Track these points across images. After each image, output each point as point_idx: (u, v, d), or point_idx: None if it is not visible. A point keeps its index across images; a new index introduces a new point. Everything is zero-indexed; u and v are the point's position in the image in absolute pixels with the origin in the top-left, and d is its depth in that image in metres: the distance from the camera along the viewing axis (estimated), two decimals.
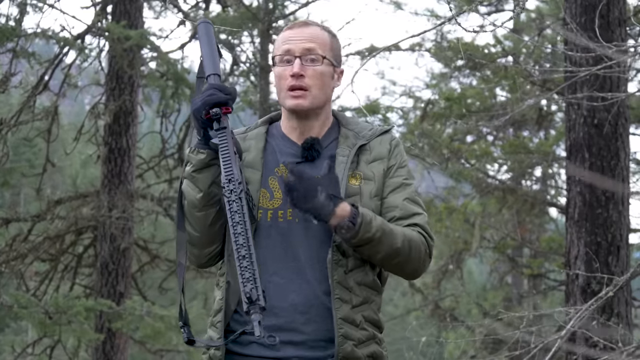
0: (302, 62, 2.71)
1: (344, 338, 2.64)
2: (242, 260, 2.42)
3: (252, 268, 2.40)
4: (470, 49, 10.82)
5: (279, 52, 2.75)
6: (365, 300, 2.69)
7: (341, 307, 2.64)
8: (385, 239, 2.63)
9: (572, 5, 6.93)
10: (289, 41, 2.74)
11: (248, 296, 2.36)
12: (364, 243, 2.61)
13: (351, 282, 2.67)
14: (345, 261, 2.67)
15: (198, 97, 2.62)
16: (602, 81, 6.79)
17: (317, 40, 2.75)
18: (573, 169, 6.83)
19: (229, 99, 2.61)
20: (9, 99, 19.39)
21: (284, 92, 2.74)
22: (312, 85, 2.72)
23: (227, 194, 2.51)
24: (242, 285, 2.39)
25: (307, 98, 2.72)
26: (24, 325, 20.04)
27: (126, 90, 11.09)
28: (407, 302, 20.34)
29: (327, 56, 2.75)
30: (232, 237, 2.46)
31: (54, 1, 10.68)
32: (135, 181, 11.49)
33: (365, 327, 2.68)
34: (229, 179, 2.53)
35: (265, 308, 2.38)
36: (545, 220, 13.95)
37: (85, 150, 18.57)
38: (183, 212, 2.71)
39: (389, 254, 2.66)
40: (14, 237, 10.90)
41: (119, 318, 10.11)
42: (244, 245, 2.43)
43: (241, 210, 2.48)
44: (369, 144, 2.78)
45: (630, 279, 5.66)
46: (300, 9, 12.23)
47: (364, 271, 2.69)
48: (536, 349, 5.60)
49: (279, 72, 2.74)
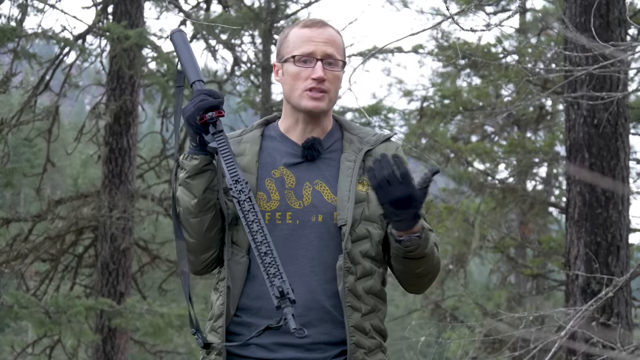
0: (323, 66, 2.70)
1: (356, 346, 2.63)
2: (264, 256, 2.44)
3: (276, 263, 2.43)
4: (471, 49, 10.82)
5: (297, 51, 2.71)
6: (373, 308, 2.69)
7: (352, 315, 2.63)
8: (431, 255, 2.65)
9: (572, 5, 6.92)
10: (310, 42, 2.71)
11: (280, 290, 2.38)
12: (419, 257, 2.62)
13: (360, 290, 2.66)
14: (354, 268, 2.65)
15: (189, 103, 2.61)
16: (601, 81, 6.78)
17: (335, 45, 2.74)
18: (573, 169, 6.82)
19: (220, 102, 2.61)
20: (9, 99, 19.42)
21: (299, 92, 2.71)
22: (330, 89, 2.72)
23: (236, 194, 2.51)
24: (269, 281, 2.41)
25: (325, 101, 2.71)
26: (24, 325, 20.07)
27: (127, 90, 11.10)
28: (408, 302, 20.34)
29: (344, 61, 2.76)
30: (249, 236, 2.47)
31: (55, 1, 10.69)
32: (136, 181, 11.50)
33: (373, 336, 2.68)
34: (235, 179, 2.53)
35: (295, 301, 2.40)
36: (549, 221, 13.95)
37: (86, 150, 18.61)
38: (179, 221, 2.70)
39: (426, 270, 2.68)
40: (14, 237, 10.91)
41: (119, 316, 10.12)
42: (264, 242, 2.45)
43: (253, 209, 2.49)
44: (374, 149, 2.76)
45: (630, 279, 5.65)
46: (303, 9, 12.24)
47: (372, 279, 2.69)
48: (536, 349, 5.60)
49: (296, 71, 2.71)
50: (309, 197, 2.69)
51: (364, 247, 2.66)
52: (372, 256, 2.68)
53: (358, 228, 2.66)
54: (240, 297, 2.67)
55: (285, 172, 2.72)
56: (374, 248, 2.68)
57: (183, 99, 2.81)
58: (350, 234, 2.64)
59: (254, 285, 2.66)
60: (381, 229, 2.69)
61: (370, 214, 2.67)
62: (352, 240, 2.64)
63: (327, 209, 2.67)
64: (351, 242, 2.64)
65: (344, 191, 2.67)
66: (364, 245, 2.66)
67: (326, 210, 2.66)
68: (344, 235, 2.63)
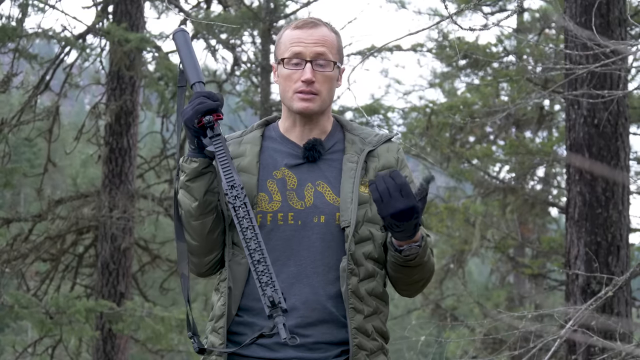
0: (312, 67, 2.69)
1: (358, 348, 2.63)
2: (257, 264, 2.42)
3: (269, 272, 2.41)
4: (471, 49, 10.82)
5: (287, 53, 2.70)
6: (375, 310, 2.68)
7: (355, 317, 2.63)
8: (428, 262, 2.66)
9: (572, 4, 6.92)
10: (299, 43, 2.70)
11: (271, 300, 2.37)
12: (417, 265, 2.63)
13: (363, 291, 2.65)
14: (357, 270, 2.65)
15: (188, 106, 2.60)
16: (601, 79, 6.78)
17: (327, 44, 2.71)
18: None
19: (219, 105, 2.59)
20: (10, 99, 19.44)
21: (290, 94, 2.70)
22: (321, 90, 2.70)
23: (231, 200, 2.49)
24: (261, 289, 2.39)
25: (316, 102, 2.70)
26: (24, 325, 20.06)
27: (127, 90, 11.10)
28: (408, 302, 20.33)
29: (336, 61, 2.73)
30: (243, 243, 2.45)
31: (55, 1, 10.69)
32: (136, 181, 11.50)
33: (375, 338, 2.68)
34: (231, 185, 2.51)
35: (287, 310, 2.39)
36: (547, 221, 13.95)
37: (86, 150, 18.60)
38: (181, 223, 2.70)
39: (422, 276, 2.69)
40: (14, 237, 10.92)
41: (120, 319, 10.11)
42: (257, 249, 2.43)
43: (248, 215, 2.47)
44: (376, 150, 2.76)
45: (630, 278, 5.66)
46: (302, 8, 12.25)
47: (374, 281, 2.68)
48: (536, 348, 5.60)
49: (286, 73, 2.70)
50: (311, 197, 2.68)
51: (367, 248, 2.66)
52: (374, 258, 2.68)
53: (361, 230, 2.65)
54: (242, 298, 2.67)
55: (287, 173, 2.71)
56: (376, 249, 2.68)
57: (185, 99, 2.79)
58: (354, 236, 2.64)
59: (255, 286, 2.65)
60: (384, 231, 2.69)
61: (373, 215, 2.67)
62: (355, 242, 2.64)
63: (329, 209, 2.66)
64: (354, 243, 2.64)
65: (347, 192, 2.66)
66: (367, 246, 2.66)
67: (328, 211, 2.66)
68: (347, 237, 2.63)
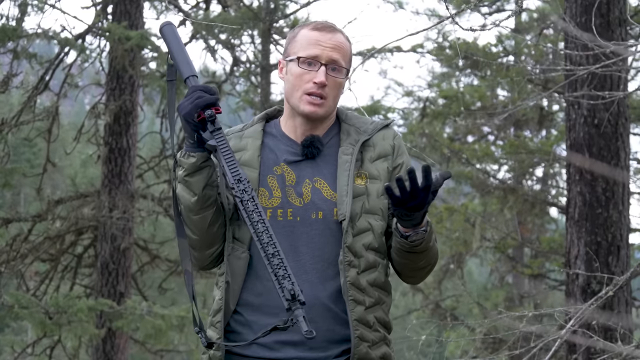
0: (326, 71, 2.69)
1: (360, 340, 2.62)
2: (272, 258, 2.41)
3: (284, 264, 2.40)
4: (471, 49, 10.82)
5: (304, 52, 2.70)
6: (377, 301, 2.68)
7: (356, 309, 2.62)
8: (433, 247, 2.66)
9: (572, 5, 6.92)
10: (317, 45, 2.70)
11: (292, 293, 2.36)
12: (423, 250, 2.62)
13: (364, 282, 2.64)
14: (357, 262, 2.64)
15: (185, 100, 2.58)
16: (602, 80, 6.78)
17: (342, 51, 2.72)
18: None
19: (217, 98, 2.59)
20: (9, 99, 19.43)
21: (299, 94, 2.70)
22: (330, 95, 2.71)
23: (239, 194, 2.49)
24: (277, 282, 2.38)
25: (323, 107, 2.70)
26: (24, 325, 20.04)
27: (126, 90, 11.09)
28: (408, 302, 20.33)
29: (348, 68, 2.75)
30: (254, 237, 2.44)
31: (55, 1, 10.68)
32: (136, 181, 11.49)
33: (377, 329, 2.67)
34: (237, 179, 2.51)
35: (305, 302, 2.38)
36: (546, 221, 13.95)
37: (86, 150, 18.60)
38: (181, 219, 2.69)
39: (427, 262, 2.69)
40: (14, 237, 10.90)
41: (120, 317, 10.11)
42: (270, 242, 2.43)
43: (257, 209, 2.47)
44: (371, 139, 2.75)
45: (630, 278, 5.65)
46: (302, 8, 12.24)
47: (376, 272, 2.68)
48: (536, 348, 5.60)
49: (299, 72, 2.70)
50: (309, 194, 2.68)
51: (367, 239, 2.66)
52: (375, 248, 2.68)
53: (359, 221, 2.65)
54: (241, 293, 2.66)
55: (286, 169, 2.71)
56: (377, 240, 2.67)
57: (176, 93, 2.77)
58: (352, 228, 2.63)
59: (256, 282, 2.65)
60: (383, 221, 2.69)
61: (371, 206, 2.67)
62: (353, 234, 2.64)
63: (327, 205, 2.66)
64: (353, 235, 2.64)
65: (342, 186, 2.66)
66: (366, 237, 2.66)
67: (326, 207, 2.66)
68: (344, 230, 2.62)
